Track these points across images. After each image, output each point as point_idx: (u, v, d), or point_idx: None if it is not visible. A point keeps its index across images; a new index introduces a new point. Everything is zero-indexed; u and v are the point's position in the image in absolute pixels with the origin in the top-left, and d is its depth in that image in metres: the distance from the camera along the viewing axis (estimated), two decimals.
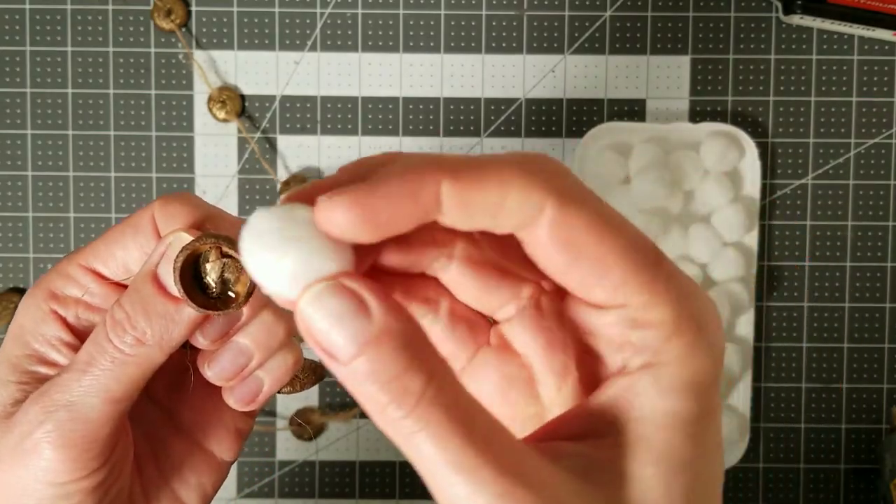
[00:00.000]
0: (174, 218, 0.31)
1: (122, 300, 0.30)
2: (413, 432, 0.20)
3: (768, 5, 0.63)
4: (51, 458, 0.29)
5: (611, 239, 0.22)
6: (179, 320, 0.29)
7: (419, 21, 0.63)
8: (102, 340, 0.30)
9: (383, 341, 0.21)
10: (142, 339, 0.29)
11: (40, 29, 0.63)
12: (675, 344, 0.22)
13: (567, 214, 0.22)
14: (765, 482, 0.65)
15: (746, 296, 0.62)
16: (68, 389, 0.30)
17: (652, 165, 0.61)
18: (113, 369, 0.29)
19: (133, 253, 0.32)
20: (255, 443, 0.64)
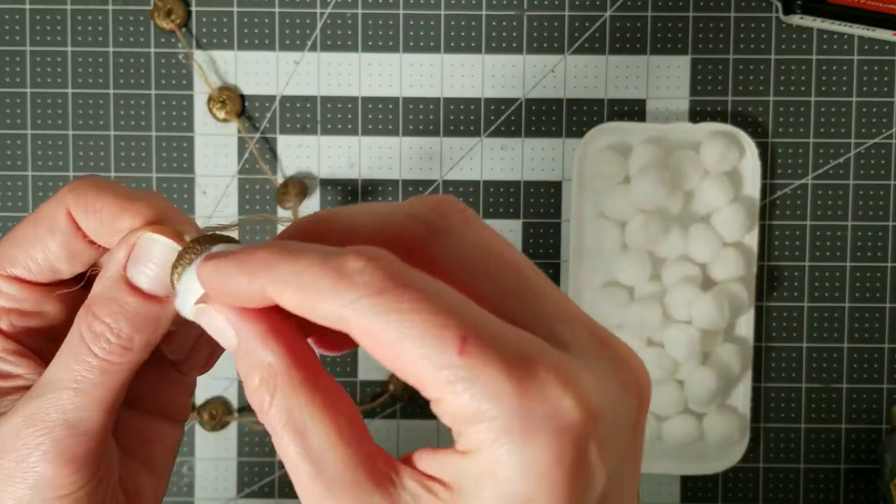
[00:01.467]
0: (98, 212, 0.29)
1: (95, 311, 0.28)
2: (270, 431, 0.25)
3: (768, 5, 0.63)
4: (54, 475, 0.29)
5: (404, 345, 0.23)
6: (165, 319, 0.29)
7: (419, 21, 0.63)
8: (86, 356, 0.29)
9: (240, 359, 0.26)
10: (128, 346, 0.29)
11: (40, 29, 0.63)
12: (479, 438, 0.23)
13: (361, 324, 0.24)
14: (765, 482, 0.65)
15: (746, 296, 0.62)
16: (61, 409, 0.29)
17: (652, 165, 0.61)
18: (104, 381, 0.29)
19: (57, 252, 0.30)
20: (256, 443, 0.65)
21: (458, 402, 0.23)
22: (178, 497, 0.64)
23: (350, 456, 0.25)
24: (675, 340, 0.62)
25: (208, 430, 0.64)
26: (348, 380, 0.64)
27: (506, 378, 0.22)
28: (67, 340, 0.29)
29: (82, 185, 0.30)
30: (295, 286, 0.24)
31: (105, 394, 0.29)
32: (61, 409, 0.29)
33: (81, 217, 0.30)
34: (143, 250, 0.28)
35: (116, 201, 0.29)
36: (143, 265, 0.28)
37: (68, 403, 0.29)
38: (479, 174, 0.64)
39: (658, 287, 0.63)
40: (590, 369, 0.23)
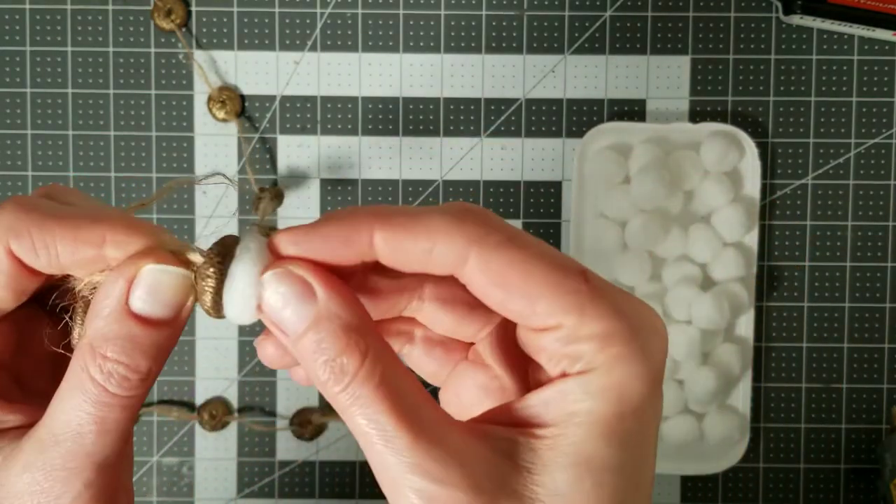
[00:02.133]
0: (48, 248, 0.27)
1: (102, 350, 0.27)
2: (347, 406, 0.25)
3: (768, 5, 0.63)
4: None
5: (534, 273, 0.25)
6: (177, 336, 0.28)
7: (419, 21, 0.63)
8: (103, 396, 0.27)
9: (324, 324, 0.25)
10: (146, 377, 0.28)
11: (40, 29, 0.63)
12: (605, 354, 0.25)
13: (489, 259, 0.25)
14: (765, 482, 0.65)
15: (746, 296, 0.62)
16: (86, 453, 0.28)
17: (652, 165, 0.61)
18: (125, 416, 0.28)
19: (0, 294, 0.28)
20: (256, 443, 0.65)
21: (582, 321, 0.25)
22: (178, 497, 0.64)
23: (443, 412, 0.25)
24: (675, 340, 0.62)
25: (208, 430, 0.64)
26: None
27: (625, 299, 0.26)
28: (69, 381, 0.28)
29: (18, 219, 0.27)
30: (414, 230, 0.25)
31: (126, 427, 0.28)
32: (86, 453, 0.27)
33: (28, 255, 0.27)
34: (150, 281, 0.27)
35: (69, 231, 0.27)
36: (152, 295, 0.27)
37: (94, 447, 0.27)
38: (479, 174, 0.64)
39: (658, 287, 0.63)
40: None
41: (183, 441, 0.64)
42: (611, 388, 0.25)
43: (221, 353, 0.64)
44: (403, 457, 0.24)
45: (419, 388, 0.25)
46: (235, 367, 0.64)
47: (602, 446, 0.25)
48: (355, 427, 0.25)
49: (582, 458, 0.25)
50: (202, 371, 0.64)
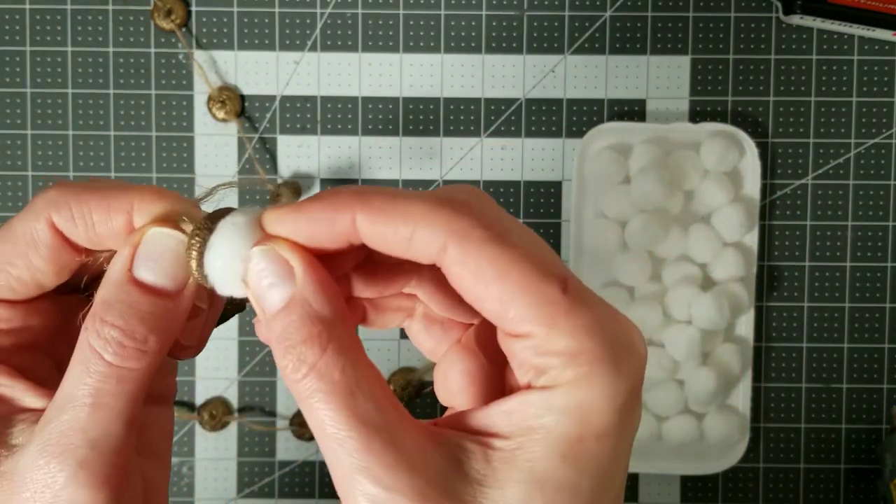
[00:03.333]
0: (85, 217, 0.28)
1: (103, 316, 0.27)
2: (303, 397, 0.24)
3: (768, 5, 0.63)
4: (85, 500, 0.27)
5: (511, 275, 0.24)
6: (181, 314, 0.28)
7: (419, 21, 0.63)
8: (98, 365, 0.27)
9: (294, 309, 0.24)
10: (144, 348, 0.27)
11: (40, 29, 0.63)
12: (571, 372, 0.24)
13: (467, 254, 0.24)
14: (765, 482, 0.65)
15: (746, 296, 0.62)
16: (81, 428, 0.27)
17: (652, 165, 0.61)
18: (121, 390, 0.27)
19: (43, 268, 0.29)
20: (256, 443, 0.65)
21: (553, 334, 0.24)
22: (178, 497, 0.64)
23: (400, 415, 0.25)
24: (675, 340, 0.62)
25: (208, 430, 0.64)
26: None
27: (601, 320, 0.24)
28: (76, 354, 0.27)
29: (60, 192, 0.28)
30: (395, 214, 0.24)
31: (124, 404, 0.27)
32: (80, 428, 0.27)
33: (68, 226, 0.28)
34: (151, 246, 0.27)
35: (103, 200, 0.28)
36: (153, 262, 0.27)
37: (87, 422, 0.27)
38: (479, 174, 0.64)
39: (658, 287, 0.63)
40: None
41: (183, 441, 0.64)
42: (573, 408, 0.24)
43: (221, 353, 0.64)
44: (354, 458, 0.24)
45: (380, 389, 0.25)
46: (235, 367, 0.64)
47: (558, 466, 0.24)
48: (310, 420, 0.24)
49: (536, 477, 0.24)
50: (202, 371, 0.64)
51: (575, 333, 0.24)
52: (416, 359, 0.64)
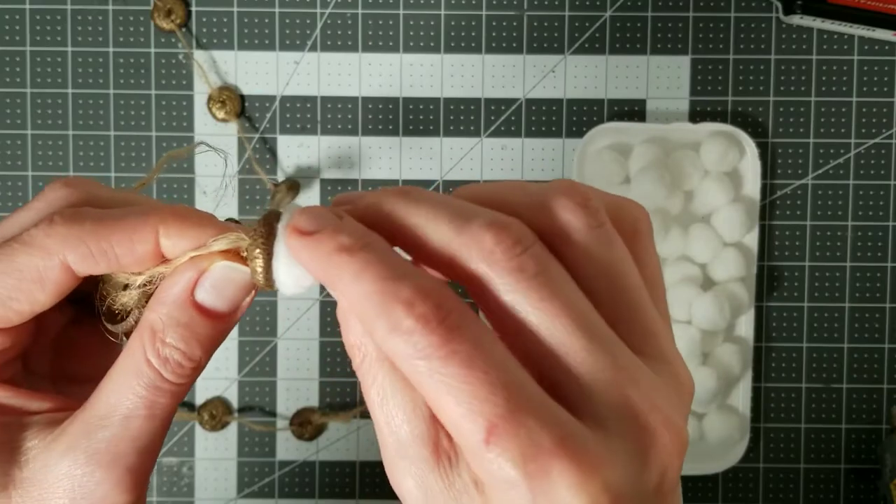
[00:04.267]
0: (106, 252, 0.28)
1: (166, 337, 0.28)
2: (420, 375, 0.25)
3: (768, 5, 0.63)
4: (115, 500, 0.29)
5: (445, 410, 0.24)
6: (225, 335, 0.29)
7: (419, 21, 0.63)
8: (158, 382, 0.28)
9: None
10: (198, 367, 0.29)
11: (40, 29, 0.63)
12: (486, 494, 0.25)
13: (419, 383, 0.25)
14: (765, 482, 0.65)
15: (746, 296, 0.62)
16: (133, 438, 0.28)
17: (652, 165, 0.61)
18: (174, 403, 0.29)
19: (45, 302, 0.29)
20: (256, 443, 0.65)
21: (481, 475, 0.24)
22: (178, 497, 0.64)
23: (421, 432, 0.26)
24: (675, 340, 0.62)
25: (208, 430, 0.64)
26: (348, 380, 0.64)
27: (521, 476, 0.23)
28: (126, 366, 0.28)
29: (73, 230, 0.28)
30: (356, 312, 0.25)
31: (171, 414, 0.29)
32: (132, 437, 0.28)
33: (86, 264, 0.29)
34: (220, 279, 0.28)
35: (125, 234, 0.28)
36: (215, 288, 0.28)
37: (139, 431, 0.28)
38: (479, 174, 0.64)
39: None
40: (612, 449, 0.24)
41: (183, 441, 0.64)
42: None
43: (221, 353, 0.64)
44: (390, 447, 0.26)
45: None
46: (235, 367, 0.64)
47: None
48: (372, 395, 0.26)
49: None
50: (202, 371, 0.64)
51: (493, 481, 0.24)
52: None
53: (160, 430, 0.29)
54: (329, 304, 0.64)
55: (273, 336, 0.64)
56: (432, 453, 0.25)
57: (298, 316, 0.64)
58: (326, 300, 0.64)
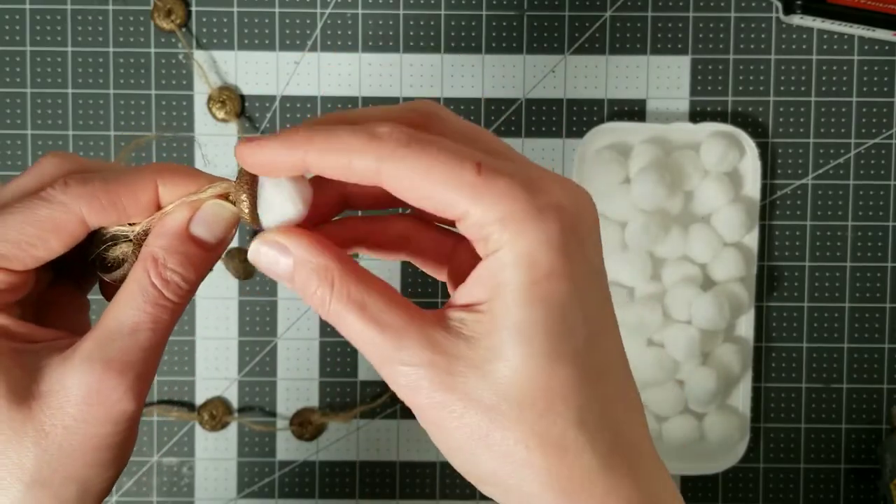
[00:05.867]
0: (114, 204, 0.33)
1: (168, 262, 0.33)
2: (334, 321, 0.31)
3: (768, 5, 0.63)
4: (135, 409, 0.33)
5: (432, 173, 0.29)
6: (212, 264, 0.34)
7: (419, 21, 0.63)
8: (160, 300, 0.33)
9: (299, 269, 0.32)
10: (192, 289, 0.34)
11: (40, 29, 0.63)
12: (507, 232, 0.29)
13: (395, 170, 0.30)
14: (765, 482, 0.65)
15: (746, 296, 0.62)
16: (141, 348, 0.33)
17: (652, 166, 0.61)
18: (173, 319, 0.34)
19: (58, 249, 0.34)
20: (256, 443, 0.65)
21: (482, 208, 0.29)
22: (178, 497, 0.64)
23: (405, 311, 0.31)
24: (675, 340, 0.62)
25: (208, 430, 0.64)
26: (348, 380, 0.64)
27: (516, 184, 0.29)
28: (132, 288, 0.33)
29: (87, 187, 0.33)
30: (334, 150, 0.30)
31: (169, 329, 0.34)
32: (141, 348, 0.33)
33: (100, 216, 0.33)
34: (207, 212, 0.34)
35: (129, 186, 0.33)
36: (206, 224, 0.34)
37: (147, 343, 0.33)
38: None
39: (658, 287, 0.63)
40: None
41: (183, 441, 0.64)
42: (518, 259, 0.29)
43: (221, 353, 0.64)
44: (378, 351, 0.30)
45: (385, 296, 0.31)
46: (235, 367, 0.64)
47: (527, 311, 0.29)
48: (346, 335, 0.31)
49: (513, 323, 0.29)
50: (202, 371, 0.64)
51: (498, 202, 0.29)
52: None
53: (161, 344, 0.34)
54: None
55: (273, 336, 0.64)
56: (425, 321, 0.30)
57: (298, 316, 0.64)
58: None
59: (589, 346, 0.30)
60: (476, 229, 0.30)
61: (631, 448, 0.31)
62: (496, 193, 0.29)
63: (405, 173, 0.30)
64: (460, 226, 0.30)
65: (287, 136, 0.31)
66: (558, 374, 0.29)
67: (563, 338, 0.29)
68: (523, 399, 0.29)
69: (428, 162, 0.29)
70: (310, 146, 0.31)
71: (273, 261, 0.32)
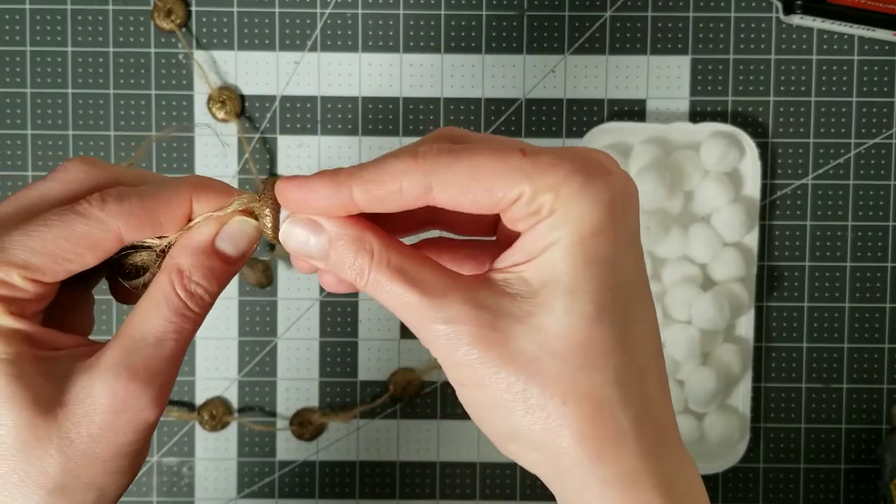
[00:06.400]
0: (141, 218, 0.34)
1: (192, 275, 0.34)
2: (374, 290, 0.32)
3: (768, 5, 0.63)
4: (156, 417, 0.34)
5: (480, 170, 0.31)
6: (232, 276, 0.35)
7: (419, 21, 0.63)
8: (184, 311, 0.34)
9: (336, 243, 0.32)
10: (212, 301, 0.35)
11: (40, 29, 0.63)
12: (560, 198, 0.30)
13: (443, 180, 0.31)
14: (765, 482, 0.65)
15: (746, 296, 0.62)
16: (165, 357, 0.34)
17: (652, 166, 0.61)
18: (193, 329, 0.35)
19: (90, 263, 0.34)
20: (256, 443, 0.65)
21: (535, 183, 0.30)
22: (178, 497, 0.64)
23: (446, 274, 0.32)
24: (675, 340, 0.62)
25: (208, 430, 0.64)
26: (348, 380, 0.64)
27: (562, 156, 0.31)
28: (157, 298, 0.34)
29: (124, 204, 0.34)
30: (384, 176, 0.31)
31: (189, 338, 0.35)
32: (165, 357, 0.34)
33: (136, 233, 0.34)
34: (237, 230, 0.35)
35: (166, 204, 0.35)
36: (231, 239, 0.35)
37: (171, 352, 0.34)
38: None
39: (658, 287, 0.63)
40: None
41: (183, 441, 0.64)
42: (571, 219, 0.30)
43: (221, 353, 0.64)
44: (418, 312, 0.31)
45: (423, 261, 0.32)
46: (235, 367, 0.64)
47: (573, 266, 0.30)
48: (385, 302, 0.32)
49: (561, 278, 0.30)
50: (202, 371, 0.64)
51: (548, 173, 0.30)
52: (415, 359, 0.64)
53: (182, 353, 0.34)
54: (329, 304, 0.64)
55: (273, 336, 0.64)
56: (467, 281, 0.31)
57: (298, 316, 0.64)
58: (326, 300, 0.64)
59: (627, 311, 0.31)
60: (527, 207, 0.31)
61: (660, 428, 0.32)
62: (544, 167, 0.30)
63: (454, 178, 0.31)
64: (511, 213, 0.31)
65: (333, 175, 0.32)
66: (600, 331, 0.30)
67: (607, 296, 0.31)
68: (566, 352, 0.30)
69: (475, 162, 0.31)
70: (358, 179, 0.32)
71: (304, 240, 0.33)
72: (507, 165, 0.30)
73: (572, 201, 0.30)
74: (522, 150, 0.31)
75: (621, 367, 0.31)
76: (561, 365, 0.30)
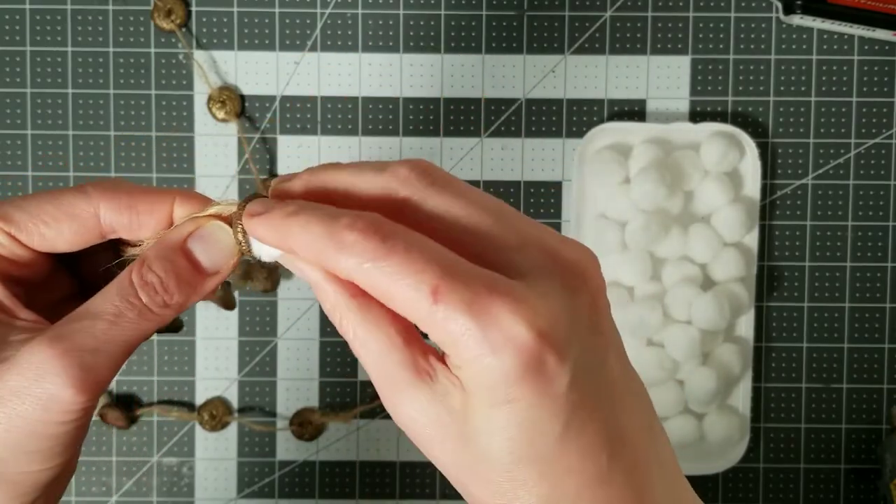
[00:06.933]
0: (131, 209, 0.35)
1: (152, 265, 0.33)
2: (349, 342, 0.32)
3: (768, 5, 0.63)
4: (68, 398, 0.32)
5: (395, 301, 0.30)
6: (202, 290, 0.34)
7: (419, 21, 0.63)
8: (131, 297, 0.33)
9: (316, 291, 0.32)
10: (168, 301, 0.33)
11: (40, 29, 0.63)
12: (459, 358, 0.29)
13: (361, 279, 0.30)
14: (765, 482, 0.65)
15: (746, 296, 0.62)
16: (94, 335, 0.32)
17: (652, 166, 0.61)
18: (139, 324, 0.33)
19: (69, 238, 0.35)
20: (256, 443, 0.65)
21: (440, 335, 0.29)
22: (178, 497, 0.64)
23: (399, 360, 0.31)
24: (675, 340, 0.62)
25: (208, 430, 0.64)
26: (348, 380, 0.64)
27: (469, 316, 0.29)
28: (115, 282, 0.33)
29: (115, 188, 0.35)
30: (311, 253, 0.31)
31: (134, 336, 0.33)
32: (93, 335, 0.32)
33: (112, 215, 0.35)
34: (208, 232, 0.34)
35: (149, 197, 0.35)
36: (204, 243, 0.34)
37: (101, 333, 0.32)
38: (479, 174, 0.64)
39: (658, 287, 0.63)
40: (539, 291, 0.30)
41: (183, 441, 0.64)
42: (475, 384, 0.29)
43: (221, 353, 0.64)
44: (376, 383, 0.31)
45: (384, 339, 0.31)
46: (235, 367, 0.64)
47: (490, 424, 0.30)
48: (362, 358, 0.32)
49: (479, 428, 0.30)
50: (202, 371, 0.64)
51: (450, 332, 0.29)
52: None
53: (119, 343, 0.33)
54: None
55: (273, 336, 0.64)
56: (414, 374, 0.30)
57: (298, 316, 0.64)
58: None
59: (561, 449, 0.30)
60: (439, 344, 0.30)
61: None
62: (451, 323, 0.29)
63: (370, 286, 0.30)
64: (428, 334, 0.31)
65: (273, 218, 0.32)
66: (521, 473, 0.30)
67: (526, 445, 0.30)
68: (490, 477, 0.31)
69: (389, 281, 0.29)
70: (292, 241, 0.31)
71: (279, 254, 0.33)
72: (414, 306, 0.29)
73: (472, 367, 0.29)
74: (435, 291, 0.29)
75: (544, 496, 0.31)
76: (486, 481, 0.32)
